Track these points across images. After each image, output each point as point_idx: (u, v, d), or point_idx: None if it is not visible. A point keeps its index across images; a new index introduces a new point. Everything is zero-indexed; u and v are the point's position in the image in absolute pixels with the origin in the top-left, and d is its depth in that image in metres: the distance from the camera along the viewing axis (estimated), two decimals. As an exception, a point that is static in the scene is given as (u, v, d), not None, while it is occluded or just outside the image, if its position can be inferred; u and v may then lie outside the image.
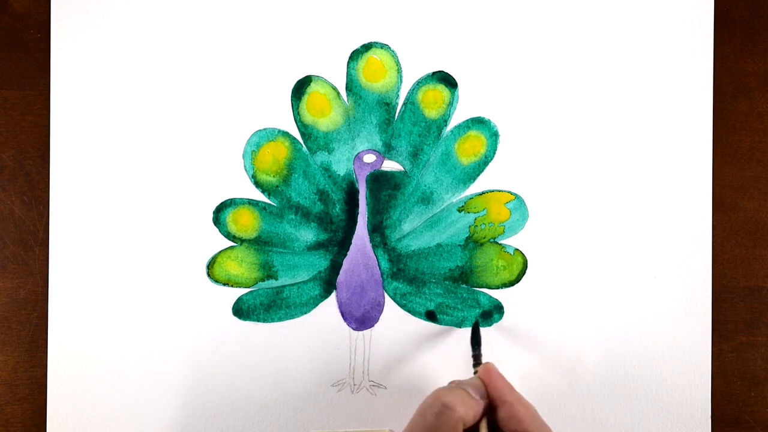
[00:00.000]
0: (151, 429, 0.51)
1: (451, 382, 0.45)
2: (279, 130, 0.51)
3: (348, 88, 0.52)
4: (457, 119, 0.52)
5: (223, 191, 0.51)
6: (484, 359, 0.47)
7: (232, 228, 0.51)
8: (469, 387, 0.42)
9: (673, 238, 0.52)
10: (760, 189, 0.53)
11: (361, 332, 0.51)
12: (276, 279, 0.51)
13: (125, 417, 0.51)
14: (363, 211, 0.51)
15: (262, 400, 0.51)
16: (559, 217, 0.52)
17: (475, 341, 0.47)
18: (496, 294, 0.52)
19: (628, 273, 0.52)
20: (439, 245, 0.52)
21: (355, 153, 0.52)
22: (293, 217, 0.51)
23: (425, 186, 0.52)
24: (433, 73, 0.52)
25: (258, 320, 0.51)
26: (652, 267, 0.52)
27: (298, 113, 0.51)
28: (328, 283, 0.52)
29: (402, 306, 0.51)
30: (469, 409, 0.40)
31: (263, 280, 0.51)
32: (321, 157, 0.52)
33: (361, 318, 0.51)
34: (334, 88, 0.51)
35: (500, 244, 0.52)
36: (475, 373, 0.45)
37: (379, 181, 0.52)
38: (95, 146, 0.51)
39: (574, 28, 0.52)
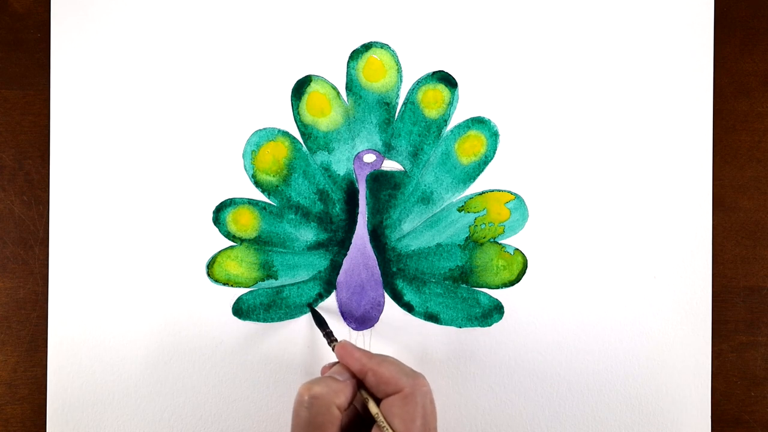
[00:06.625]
0: (151, 429, 0.51)
1: (322, 369, 0.45)
2: (279, 130, 0.51)
3: (348, 88, 0.52)
4: (457, 119, 0.52)
5: (223, 191, 0.51)
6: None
7: (232, 228, 0.51)
8: (334, 372, 0.42)
9: (673, 238, 0.52)
10: (760, 189, 0.53)
11: (361, 332, 0.51)
12: (276, 279, 0.51)
13: (125, 417, 0.51)
14: (363, 211, 0.51)
15: (262, 400, 0.51)
16: (559, 217, 0.52)
17: (319, 322, 0.48)
18: (496, 294, 0.52)
19: (628, 273, 0.52)
20: (439, 245, 0.52)
21: (355, 153, 0.51)
22: (293, 216, 0.51)
23: (425, 186, 0.52)
24: (433, 73, 0.52)
25: (258, 320, 0.51)
26: (652, 267, 0.52)
27: (298, 113, 0.51)
28: (328, 283, 0.52)
29: (402, 306, 0.51)
30: (338, 392, 0.40)
31: (263, 280, 0.51)
32: (321, 157, 0.52)
33: (361, 318, 0.51)
34: (334, 88, 0.51)
35: (500, 244, 0.52)
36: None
37: (379, 180, 0.52)
38: (95, 146, 0.51)
39: (574, 29, 0.52)
